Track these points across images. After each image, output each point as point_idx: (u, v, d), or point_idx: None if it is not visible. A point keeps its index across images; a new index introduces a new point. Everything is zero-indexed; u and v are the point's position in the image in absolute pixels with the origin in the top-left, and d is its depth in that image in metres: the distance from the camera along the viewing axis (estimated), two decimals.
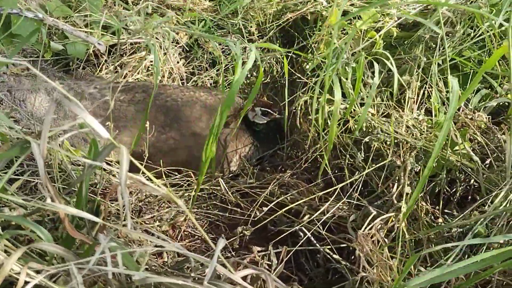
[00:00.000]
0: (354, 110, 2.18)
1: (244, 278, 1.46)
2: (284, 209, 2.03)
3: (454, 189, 1.97)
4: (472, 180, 1.95)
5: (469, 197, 2.00)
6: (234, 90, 1.60)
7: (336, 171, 2.28)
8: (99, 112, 2.51)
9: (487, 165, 1.97)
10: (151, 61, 3.00)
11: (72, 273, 1.18)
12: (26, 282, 1.16)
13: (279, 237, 1.98)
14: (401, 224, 1.64)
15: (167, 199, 2.35)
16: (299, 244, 1.85)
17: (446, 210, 1.94)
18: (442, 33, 1.68)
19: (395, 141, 2.03)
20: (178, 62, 3.06)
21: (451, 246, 1.59)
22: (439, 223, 1.88)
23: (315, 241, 1.90)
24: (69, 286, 1.18)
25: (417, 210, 1.87)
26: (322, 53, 2.72)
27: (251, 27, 3.20)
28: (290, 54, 3.10)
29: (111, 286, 1.19)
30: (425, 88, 2.30)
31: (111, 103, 2.49)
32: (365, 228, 1.65)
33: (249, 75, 3.17)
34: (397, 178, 1.94)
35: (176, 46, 3.11)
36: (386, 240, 1.63)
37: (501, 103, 2.36)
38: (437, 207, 1.94)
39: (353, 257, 1.78)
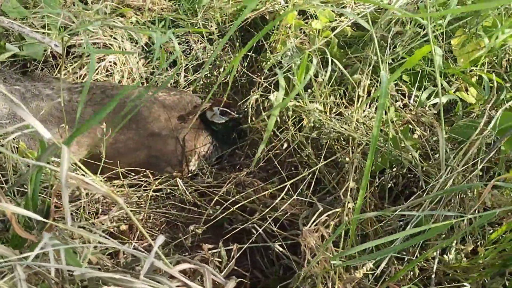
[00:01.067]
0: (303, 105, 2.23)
1: (193, 277, 1.50)
2: (236, 206, 2.06)
3: (400, 184, 2.03)
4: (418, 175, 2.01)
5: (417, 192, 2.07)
6: None
7: (292, 169, 2.33)
8: (55, 113, 2.50)
9: (436, 160, 2.04)
10: (110, 62, 3.00)
11: (14, 268, 1.20)
12: None
13: (234, 235, 2.02)
14: (344, 219, 1.69)
15: (110, 198, 2.37)
16: (250, 241, 1.89)
17: (395, 207, 2.00)
18: (372, 33, 1.73)
19: (344, 137, 2.09)
20: (137, 62, 3.07)
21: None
22: (386, 217, 1.93)
23: (267, 238, 1.94)
24: (12, 282, 1.20)
25: (365, 205, 1.93)
26: (278, 52, 2.77)
27: (211, 26, 3.23)
28: (249, 54, 3.14)
29: (49, 281, 1.21)
30: (376, 86, 2.36)
31: (66, 103, 2.50)
32: (311, 223, 1.70)
33: (209, 74, 3.20)
34: (346, 174, 2.00)
35: (135, 46, 3.12)
36: (331, 234, 1.67)
37: (450, 100, 2.44)
38: (385, 203, 2.00)
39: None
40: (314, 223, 1.69)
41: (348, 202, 1.75)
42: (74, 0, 3.18)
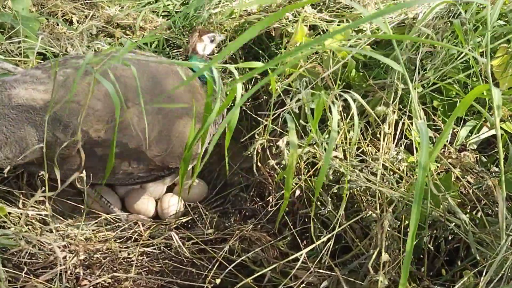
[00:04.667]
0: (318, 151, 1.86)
1: None
2: (250, 279, 1.69)
3: (443, 251, 1.65)
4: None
5: (459, 252, 1.69)
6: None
7: (306, 220, 1.97)
8: None
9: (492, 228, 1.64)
10: None
11: None
12: None
13: None
14: None
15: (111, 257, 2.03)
16: None
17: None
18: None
19: (370, 190, 1.71)
20: None
21: None
22: None
23: None
24: None
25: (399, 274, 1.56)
26: (289, 75, 2.41)
27: None
28: (255, 75, 2.78)
29: None
30: (404, 118, 1.98)
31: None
32: None
33: None
34: (375, 235, 1.63)
35: None
36: None
37: None
38: (422, 268, 1.63)
39: None
40: None
41: (381, 281, 1.39)
42: (57, 21, 2.84)
